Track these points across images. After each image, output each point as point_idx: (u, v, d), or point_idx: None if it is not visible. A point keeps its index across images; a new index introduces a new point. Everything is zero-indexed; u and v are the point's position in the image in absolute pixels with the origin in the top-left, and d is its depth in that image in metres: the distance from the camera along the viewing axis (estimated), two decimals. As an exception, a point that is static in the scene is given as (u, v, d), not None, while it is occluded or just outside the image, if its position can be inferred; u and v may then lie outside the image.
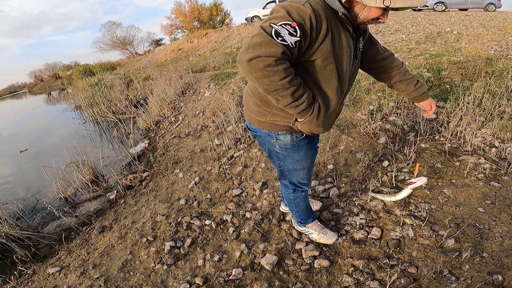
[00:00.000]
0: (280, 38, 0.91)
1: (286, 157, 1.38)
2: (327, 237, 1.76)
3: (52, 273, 2.09)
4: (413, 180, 1.79)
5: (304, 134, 1.29)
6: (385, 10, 1.00)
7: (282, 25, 0.92)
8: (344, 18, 1.01)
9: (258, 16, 16.65)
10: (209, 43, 14.39)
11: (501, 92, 3.03)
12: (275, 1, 16.45)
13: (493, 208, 1.80)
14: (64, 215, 2.79)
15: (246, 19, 17.02)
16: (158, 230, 2.28)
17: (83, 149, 3.92)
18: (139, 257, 2.05)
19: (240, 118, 3.84)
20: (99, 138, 5.68)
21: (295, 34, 0.93)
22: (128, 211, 2.67)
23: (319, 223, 1.83)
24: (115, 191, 3.06)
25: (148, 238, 2.19)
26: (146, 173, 3.32)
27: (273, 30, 0.92)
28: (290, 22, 0.93)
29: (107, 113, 6.79)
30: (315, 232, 1.78)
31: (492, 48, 5.08)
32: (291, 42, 0.93)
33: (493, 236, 1.61)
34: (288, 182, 1.54)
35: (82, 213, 2.87)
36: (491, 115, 2.70)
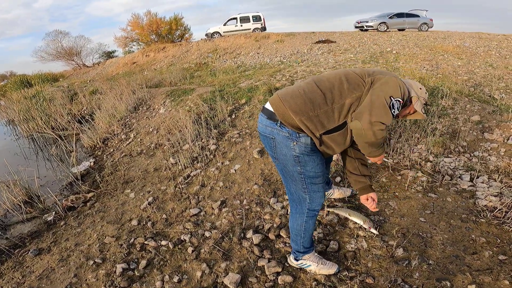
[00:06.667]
0: (393, 110, 1.29)
1: (308, 161, 1.40)
2: (327, 268, 1.62)
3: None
4: (370, 227, 1.90)
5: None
6: (409, 114, 1.52)
7: (397, 100, 1.30)
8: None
9: (219, 32, 16.70)
10: (166, 58, 14.05)
11: (432, 110, 3.46)
12: (236, 18, 16.84)
13: (432, 217, 1.99)
14: (-8, 236, 2.44)
15: (207, 34, 17.02)
16: (107, 252, 2.07)
17: (15, 167, 3.46)
18: (86, 280, 1.84)
19: (197, 137, 3.75)
20: (35, 156, 5.05)
21: (399, 109, 1.33)
22: (70, 233, 2.38)
23: (316, 253, 1.70)
24: (54, 212, 2.72)
25: (96, 260, 1.97)
26: (91, 194, 3.02)
27: (391, 102, 1.28)
28: (401, 100, 1.32)
29: (45, 128, 6.09)
30: (314, 264, 1.63)
31: (424, 67, 5.82)
32: (396, 114, 1.33)
33: (436, 244, 1.77)
34: (308, 198, 1.48)
35: (13, 235, 2.53)
36: (425, 132, 3.06)
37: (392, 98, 1.27)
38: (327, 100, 1.33)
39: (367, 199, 1.62)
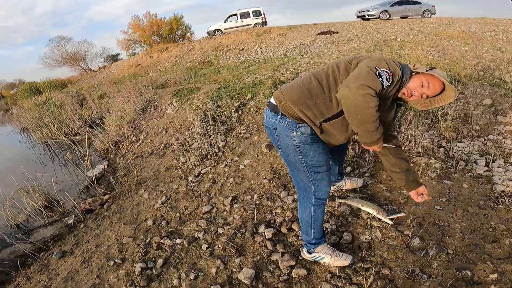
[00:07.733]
0: (380, 79, 1.24)
1: (308, 150, 1.44)
2: (341, 259, 1.61)
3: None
4: (384, 217, 1.86)
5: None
6: (421, 87, 1.35)
7: (384, 71, 1.25)
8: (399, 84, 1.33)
9: (220, 30, 16.63)
10: (170, 58, 14.11)
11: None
12: (236, 14, 16.73)
13: (448, 205, 1.96)
14: (17, 241, 2.55)
15: (208, 32, 17.00)
16: (126, 252, 2.13)
17: (32, 174, 3.57)
18: (108, 280, 1.90)
19: (205, 134, 3.77)
20: (51, 161, 5.18)
21: (388, 80, 1.26)
22: (90, 235, 2.47)
23: (329, 245, 1.69)
24: (73, 215, 2.82)
25: (116, 260, 2.03)
26: (107, 196, 3.09)
27: (377, 71, 1.23)
28: (388, 72, 1.26)
29: (58, 134, 6.24)
30: (327, 256, 1.62)
31: (431, 53, 5.68)
32: (386, 85, 1.26)
33: (454, 232, 1.74)
34: (314, 186, 1.51)
35: (37, 239, 2.63)
36: (435, 117, 2.99)
37: (377, 68, 1.25)
38: (324, 88, 1.37)
39: (418, 196, 1.60)
